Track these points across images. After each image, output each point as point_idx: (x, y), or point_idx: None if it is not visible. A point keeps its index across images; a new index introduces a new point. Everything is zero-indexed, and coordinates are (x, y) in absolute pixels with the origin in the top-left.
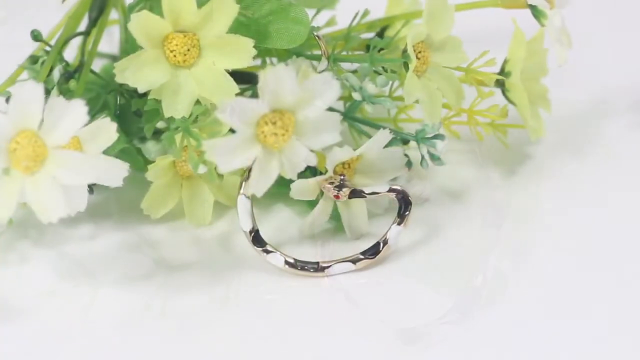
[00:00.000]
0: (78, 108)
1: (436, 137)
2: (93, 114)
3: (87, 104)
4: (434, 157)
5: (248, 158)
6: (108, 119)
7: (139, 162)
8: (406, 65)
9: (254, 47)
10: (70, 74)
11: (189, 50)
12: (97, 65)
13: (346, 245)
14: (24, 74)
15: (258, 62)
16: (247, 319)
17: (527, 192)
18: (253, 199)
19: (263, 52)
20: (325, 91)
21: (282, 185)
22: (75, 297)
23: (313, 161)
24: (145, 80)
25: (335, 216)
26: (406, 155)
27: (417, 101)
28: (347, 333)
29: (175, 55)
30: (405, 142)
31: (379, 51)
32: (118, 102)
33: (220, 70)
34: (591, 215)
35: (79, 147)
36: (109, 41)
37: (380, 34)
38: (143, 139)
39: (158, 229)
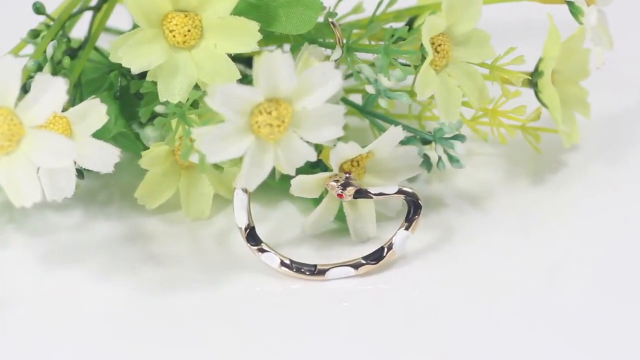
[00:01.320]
0: (57, 86)
1: (456, 137)
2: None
3: (89, 84)
4: (453, 159)
5: (239, 149)
6: (98, 99)
7: (139, 148)
8: (424, 59)
9: (260, 30)
10: (73, 51)
11: (189, 31)
12: None
13: (350, 249)
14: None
15: (272, 48)
16: (241, 323)
17: (557, 201)
18: (257, 193)
19: (278, 38)
20: (326, 82)
21: (286, 181)
22: (58, 287)
23: (313, 157)
24: (139, 60)
25: (341, 216)
26: (426, 155)
27: (432, 97)
28: (347, 339)
29: (174, 36)
30: (426, 142)
31: (397, 42)
32: (119, 83)
33: (222, 54)
34: (629, 229)
35: (68, 128)
36: (129, 17)
37: (409, 25)
38: (142, 124)
39: (152, 220)
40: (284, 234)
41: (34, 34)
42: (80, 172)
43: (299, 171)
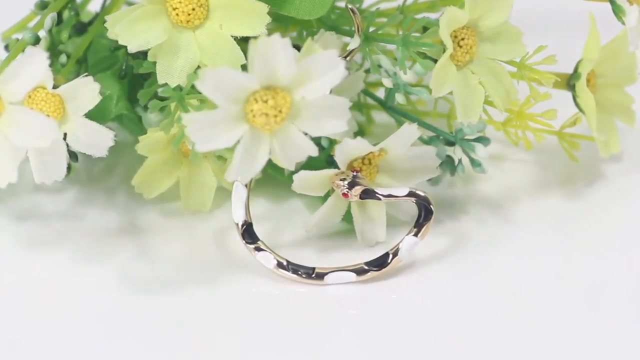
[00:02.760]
0: (38, 59)
1: (479, 139)
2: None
3: (101, 63)
4: (475, 163)
5: (231, 138)
6: (90, 78)
7: (144, 132)
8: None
9: (270, 13)
10: (82, 25)
11: (194, 9)
12: None
13: (357, 254)
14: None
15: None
16: (235, 327)
17: (587, 212)
18: (264, 188)
19: (301, 24)
20: (328, 71)
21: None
22: (39, 278)
23: (313, 151)
24: (137, 38)
25: (348, 217)
26: (449, 157)
27: (451, 93)
28: (355, 350)
29: (177, 14)
30: (450, 143)
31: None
32: (126, 62)
33: (227, 37)
34: None
35: (60, 107)
36: None
37: None
38: (147, 107)
39: (149, 211)
40: (288, 233)
41: (42, 5)
42: (74, 155)
43: (311, 166)
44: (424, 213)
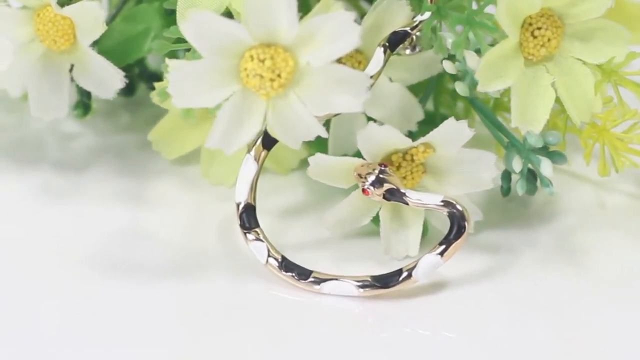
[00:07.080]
0: None
1: (551, 154)
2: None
3: None
4: (544, 182)
5: (216, 97)
6: (96, 3)
7: None
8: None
9: None
10: None
11: None
12: None
13: (380, 265)
14: None
15: None
16: (222, 335)
17: None
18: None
19: None
20: (339, 36)
21: None
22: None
23: (320, 131)
24: None
25: (376, 219)
26: (531, 171)
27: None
28: None
29: None
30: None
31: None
32: None
33: None
34: None
35: (70, 32)
36: None
37: None
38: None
39: (164, 176)
40: (312, 229)
41: None
42: (86, 92)
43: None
44: (456, 229)
